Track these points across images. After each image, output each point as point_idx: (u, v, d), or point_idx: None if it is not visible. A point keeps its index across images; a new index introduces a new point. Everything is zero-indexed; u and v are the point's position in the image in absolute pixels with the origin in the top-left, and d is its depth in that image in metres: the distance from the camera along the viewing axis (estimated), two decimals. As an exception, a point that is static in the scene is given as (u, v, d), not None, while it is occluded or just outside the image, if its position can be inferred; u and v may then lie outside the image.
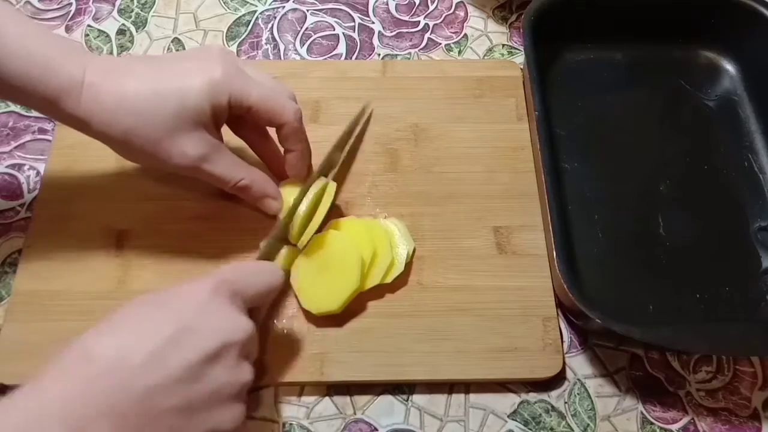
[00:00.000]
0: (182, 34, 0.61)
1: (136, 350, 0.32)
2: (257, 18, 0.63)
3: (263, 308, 0.42)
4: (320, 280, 0.45)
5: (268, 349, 0.45)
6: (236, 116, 0.43)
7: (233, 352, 0.35)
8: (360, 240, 0.47)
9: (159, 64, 0.41)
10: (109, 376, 0.31)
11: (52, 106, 0.39)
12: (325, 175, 0.49)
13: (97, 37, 0.61)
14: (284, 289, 0.46)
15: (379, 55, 0.61)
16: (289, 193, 0.47)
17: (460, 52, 0.61)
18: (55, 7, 0.62)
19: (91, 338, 0.33)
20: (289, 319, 0.46)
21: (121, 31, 0.61)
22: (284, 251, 0.46)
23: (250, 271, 0.39)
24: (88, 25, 0.61)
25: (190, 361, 0.33)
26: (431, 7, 0.64)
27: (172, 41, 0.61)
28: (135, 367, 0.31)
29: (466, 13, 0.64)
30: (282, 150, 0.47)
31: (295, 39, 0.61)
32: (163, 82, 0.40)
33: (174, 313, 0.34)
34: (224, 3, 0.63)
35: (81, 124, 0.40)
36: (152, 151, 0.40)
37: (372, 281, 0.46)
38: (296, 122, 0.44)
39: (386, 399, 0.46)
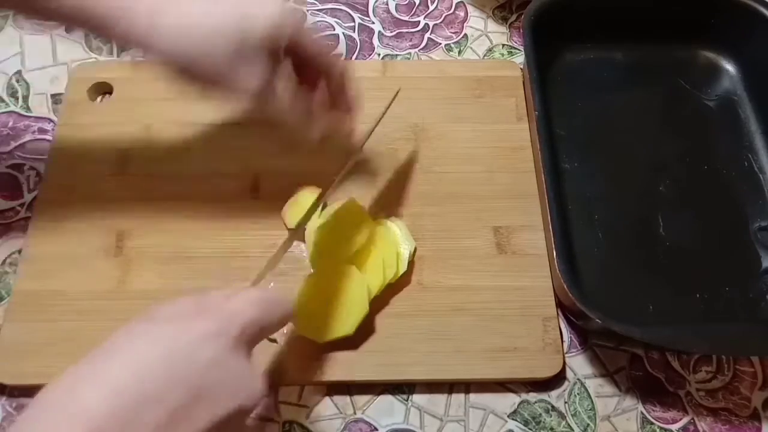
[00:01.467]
0: (182, 34, 0.61)
1: (143, 423, 0.26)
2: (257, 18, 0.63)
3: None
4: (324, 312, 0.45)
5: (266, 349, 0.45)
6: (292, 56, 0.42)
7: (244, 417, 0.30)
8: (364, 247, 0.47)
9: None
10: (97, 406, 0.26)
11: (106, 27, 0.38)
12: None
13: (97, 37, 0.61)
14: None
15: (379, 55, 0.61)
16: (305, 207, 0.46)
17: (460, 52, 0.61)
18: (55, 7, 0.62)
19: (84, 367, 0.28)
20: (289, 319, 0.46)
21: (121, 31, 0.61)
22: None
23: (269, 310, 0.33)
24: (88, 25, 0.61)
25: (200, 428, 0.28)
26: (431, 7, 0.64)
27: (172, 41, 0.61)
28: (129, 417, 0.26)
29: (466, 13, 0.64)
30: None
31: (295, 39, 0.61)
32: (225, 12, 0.38)
33: (184, 365, 0.28)
34: (224, 3, 0.63)
35: (138, 46, 0.39)
36: (215, 80, 0.40)
37: (379, 288, 0.46)
38: (345, 71, 0.44)
39: (386, 399, 0.46)
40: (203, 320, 0.30)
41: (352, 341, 0.45)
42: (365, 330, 0.46)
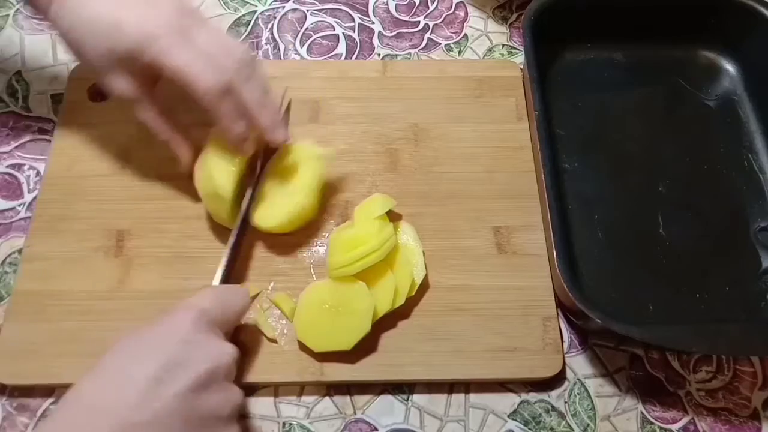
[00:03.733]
0: (182, 34, 0.61)
1: (122, 395, 0.34)
2: (257, 18, 0.63)
3: (232, 329, 0.43)
4: (326, 323, 0.44)
5: (266, 349, 0.45)
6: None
7: (221, 377, 0.37)
8: (380, 266, 0.45)
9: None
10: (93, 418, 0.33)
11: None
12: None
13: (97, 37, 0.61)
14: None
15: (379, 55, 0.61)
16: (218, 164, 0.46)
17: (460, 52, 0.61)
18: (55, 7, 0.62)
19: (81, 383, 0.35)
20: (287, 318, 0.46)
21: (121, 31, 0.61)
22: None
23: (224, 298, 0.41)
24: (88, 25, 0.61)
25: (183, 392, 0.35)
26: (431, 7, 0.64)
27: (172, 41, 0.61)
28: (122, 410, 0.33)
29: (466, 13, 0.64)
30: None
31: (295, 39, 0.61)
32: (101, 22, 0.41)
33: (158, 350, 0.36)
34: (224, 3, 0.63)
35: (51, 25, 0.43)
36: (98, 73, 0.44)
37: (385, 312, 0.45)
38: (204, 100, 0.42)
39: (386, 399, 0.46)
40: (172, 315, 0.38)
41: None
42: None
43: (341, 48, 0.61)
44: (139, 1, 0.42)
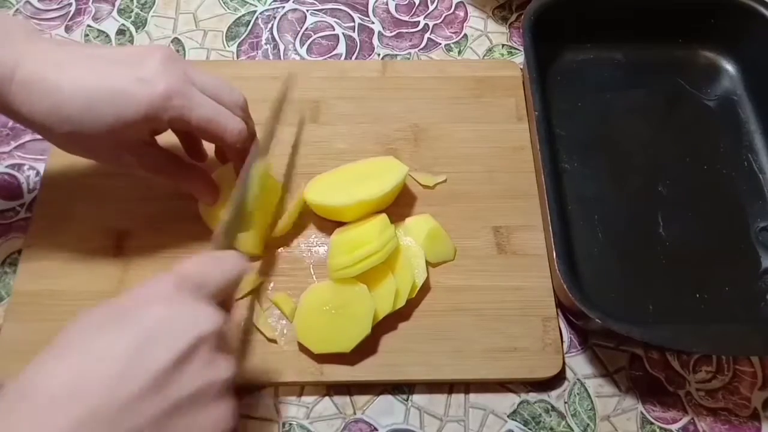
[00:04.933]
0: (182, 34, 0.61)
1: (95, 375, 0.29)
2: (257, 18, 0.63)
3: (231, 299, 0.38)
4: (326, 324, 0.44)
5: (266, 349, 0.45)
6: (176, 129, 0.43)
7: (207, 348, 0.32)
8: (381, 269, 0.45)
9: (99, 63, 0.39)
10: (60, 409, 0.28)
11: None
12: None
13: (97, 37, 0.61)
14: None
15: (379, 55, 0.61)
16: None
17: (460, 52, 0.61)
18: (55, 7, 0.62)
19: (32, 370, 0.29)
20: (287, 318, 0.46)
21: (120, 31, 0.61)
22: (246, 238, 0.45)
23: (212, 262, 0.35)
24: (88, 25, 0.61)
25: (159, 369, 0.29)
26: (431, 7, 0.64)
27: (171, 41, 0.61)
28: (96, 393, 0.28)
29: (466, 13, 0.64)
30: None
31: (294, 39, 0.61)
32: (99, 88, 0.38)
33: (132, 323, 0.31)
34: (224, 3, 0.63)
35: (14, 117, 0.39)
36: (86, 153, 0.41)
37: (385, 314, 0.45)
38: (238, 143, 0.42)
39: (386, 399, 0.46)
40: (149, 282, 0.33)
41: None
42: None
43: (341, 48, 0.61)
44: (125, 60, 0.39)
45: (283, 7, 0.63)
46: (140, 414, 0.29)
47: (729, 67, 0.59)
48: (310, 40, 0.61)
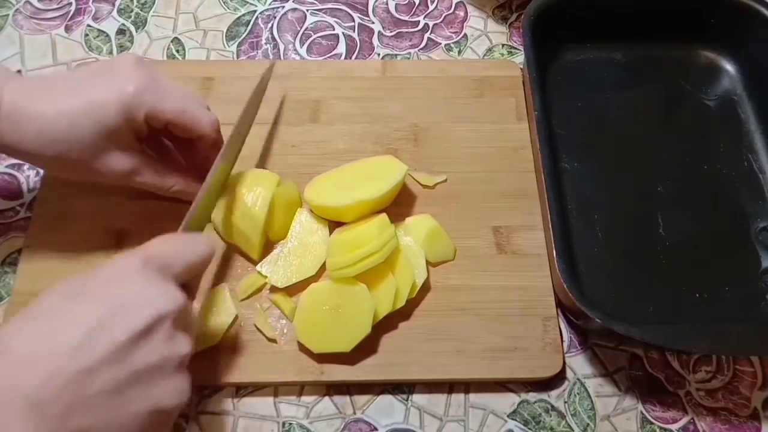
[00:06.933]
0: (182, 34, 0.61)
1: (60, 340, 0.31)
2: (257, 18, 0.63)
3: (196, 281, 0.40)
4: (325, 323, 0.44)
5: (266, 349, 0.45)
6: (155, 129, 0.44)
7: (166, 325, 0.33)
8: (381, 268, 0.45)
9: (72, 83, 0.41)
10: (24, 369, 0.30)
11: None
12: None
13: (97, 37, 0.61)
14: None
15: (379, 55, 0.61)
16: None
17: (459, 52, 0.61)
18: (55, 7, 0.62)
19: (9, 328, 0.32)
20: (287, 318, 0.46)
21: (120, 31, 0.61)
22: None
23: (179, 243, 0.37)
24: (88, 25, 0.61)
25: (120, 340, 0.31)
26: (431, 7, 0.64)
27: (171, 41, 0.61)
28: (59, 357, 0.30)
29: (466, 13, 0.64)
30: None
31: (294, 39, 0.61)
32: (77, 104, 0.40)
33: (99, 295, 0.33)
34: (224, 3, 0.63)
35: (4, 150, 0.41)
36: (81, 171, 0.42)
37: (385, 314, 0.45)
38: (213, 133, 0.45)
39: (386, 399, 0.46)
40: (117, 259, 0.35)
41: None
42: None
43: (341, 48, 0.61)
44: (92, 74, 0.42)
45: (283, 6, 0.63)
46: (98, 380, 0.31)
47: (729, 67, 0.59)
48: (310, 39, 0.61)
